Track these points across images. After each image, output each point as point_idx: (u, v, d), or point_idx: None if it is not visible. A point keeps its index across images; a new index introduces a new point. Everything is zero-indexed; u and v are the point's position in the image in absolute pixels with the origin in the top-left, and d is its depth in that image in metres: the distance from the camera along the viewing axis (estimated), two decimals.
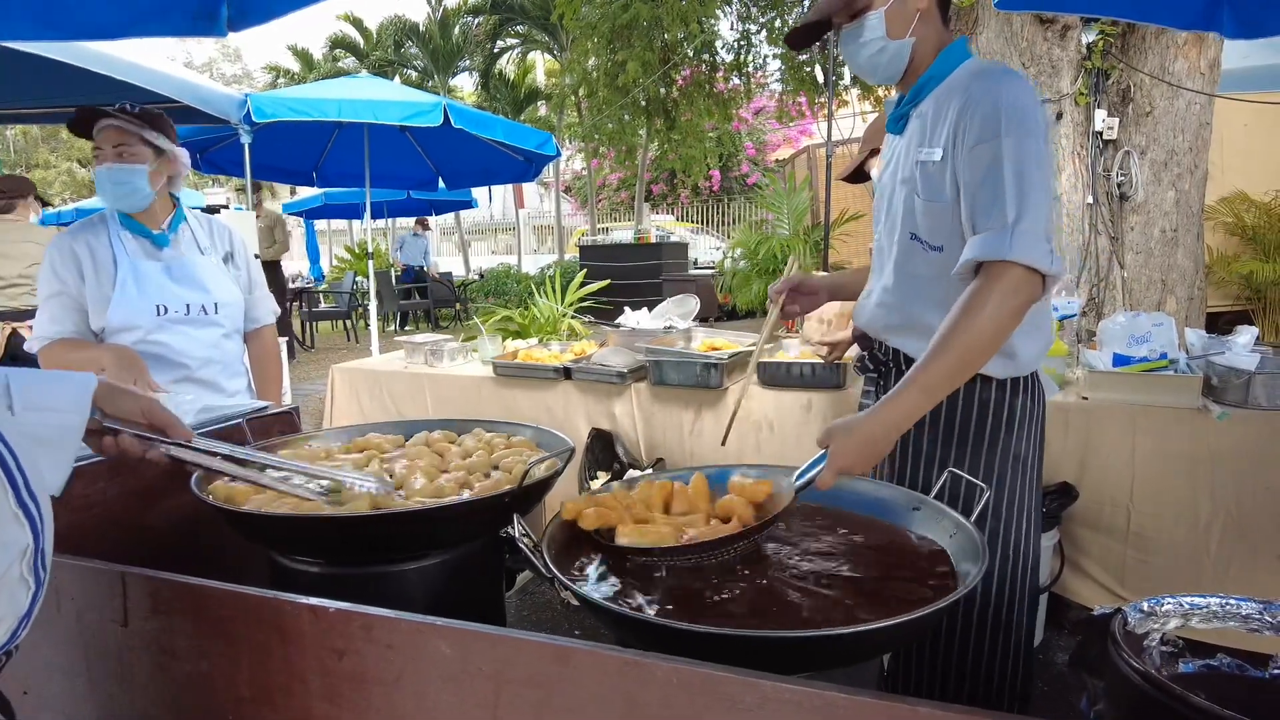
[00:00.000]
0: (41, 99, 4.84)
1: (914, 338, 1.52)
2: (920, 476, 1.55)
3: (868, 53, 1.48)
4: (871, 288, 1.66)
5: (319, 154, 7.64)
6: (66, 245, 2.07)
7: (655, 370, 2.98)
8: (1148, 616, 1.14)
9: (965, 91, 1.40)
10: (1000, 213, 1.33)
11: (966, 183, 1.38)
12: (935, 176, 1.43)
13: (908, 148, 1.51)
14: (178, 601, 0.85)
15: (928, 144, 1.46)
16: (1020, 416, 1.53)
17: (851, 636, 0.93)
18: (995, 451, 1.52)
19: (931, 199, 1.45)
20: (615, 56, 11.03)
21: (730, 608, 1.04)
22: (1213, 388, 2.41)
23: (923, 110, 1.50)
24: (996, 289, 1.29)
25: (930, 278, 1.49)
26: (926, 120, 1.48)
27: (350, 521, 1.14)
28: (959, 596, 1.00)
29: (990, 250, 1.32)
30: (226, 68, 38.43)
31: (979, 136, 1.36)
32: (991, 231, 1.33)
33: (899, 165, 1.54)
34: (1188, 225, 4.57)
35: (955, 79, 1.46)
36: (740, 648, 0.90)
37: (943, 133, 1.42)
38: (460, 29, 19.36)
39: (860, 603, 1.05)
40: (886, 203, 1.59)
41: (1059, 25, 4.48)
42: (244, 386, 2.29)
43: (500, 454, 1.44)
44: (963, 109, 1.39)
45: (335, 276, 14.44)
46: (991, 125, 1.35)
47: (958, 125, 1.39)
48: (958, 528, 1.20)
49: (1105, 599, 2.57)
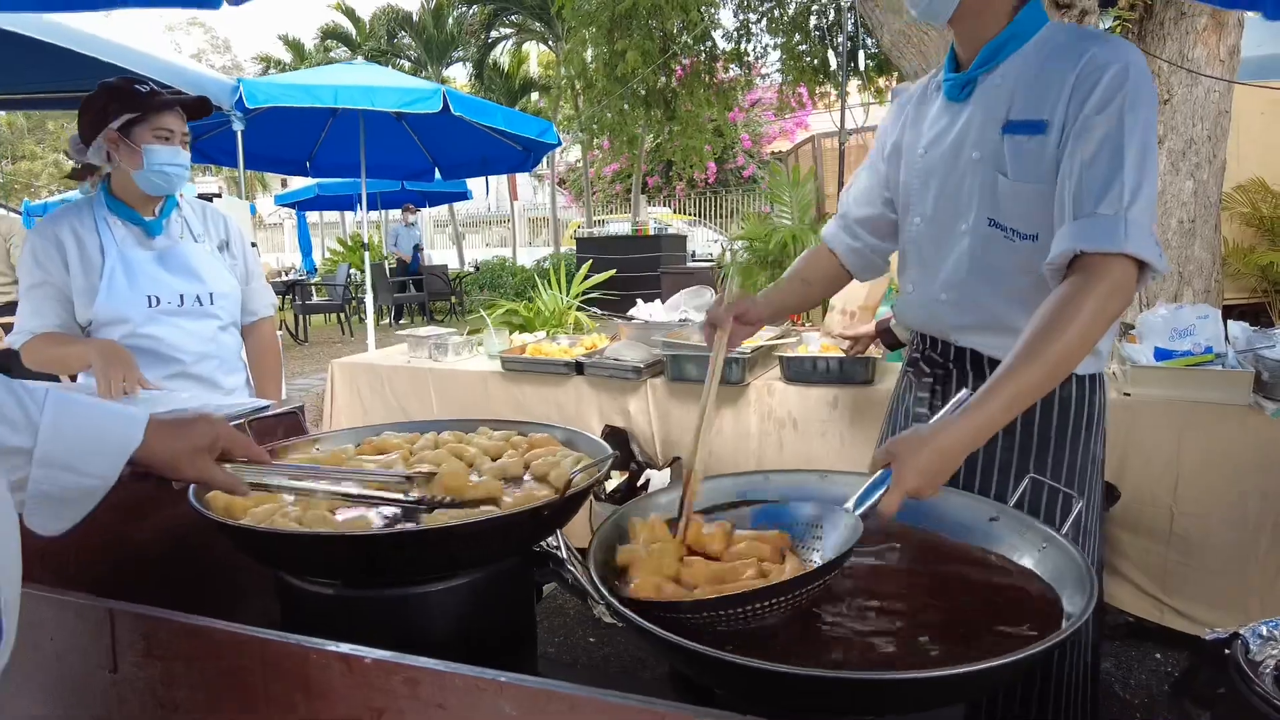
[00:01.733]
0: (28, 83, 4.68)
1: (994, 335, 1.35)
2: (994, 488, 1.37)
3: None
4: (915, 284, 1.48)
5: (313, 143, 7.47)
6: (50, 232, 1.91)
7: (672, 365, 2.85)
8: (1266, 641, 1.02)
9: (1079, 54, 1.20)
10: (1116, 196, 1.13)
11: (1076, 156, 1.18)
12: (1035, 152, 1.23)
13: (983, 119, 1.30)
14: (176, 645, 0.72)
15: (1023, 113, 1.25)
16: (1098, 414, 1.39)
17: (931, 681, 0.80)
18: (1077, 454, 1.38)
19: (1026, 179, 1.25)
20: (614, 46, 10.86)
21: (791, 643, 0.91)
22: (1263, 383, 2.30)
23: (1003, 75, 1.29)
24: (1101, 287, 1.10)
25: (1015, 270, 1.30)
26: (1013, 87, 1.27)
27: (368, 540, 1.01)
28: (1066, 635, 0.87)
29: (1102, 239, 1.12)
30: (215, 59, 38.00)
31: (1099, 104, 1.16)
32: (1101, 217, 1.13)
33: (967, 139, 1.32)
34: (1205, 216, 4.47)
35: (1049, 40, 1.27)
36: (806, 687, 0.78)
37: (1052, 101, 1.21)
38: (454, 19, 19.12)
39: (937, 639, 0.92)
40: (939, 184, 1.38)
41: (1076, 10, 4.35)
42: (242, 383, 2.15)
43: (530, 455, 1.31)
44: (1082, 74, 1.18)
45: (328, 269, 14.25)
46: (1116, 94, 1.16)
47: (1074, 92, 1.19)
48: (1048, 541, 1.08)
49: (1145, 604, 2.46)
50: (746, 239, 6.72)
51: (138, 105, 1.85)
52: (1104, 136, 1.16)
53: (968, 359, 1.42)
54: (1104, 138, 1.16)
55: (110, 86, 1.88)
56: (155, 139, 1.87)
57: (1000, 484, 1.38)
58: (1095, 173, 1.15)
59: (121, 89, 1.87)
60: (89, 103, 1.89)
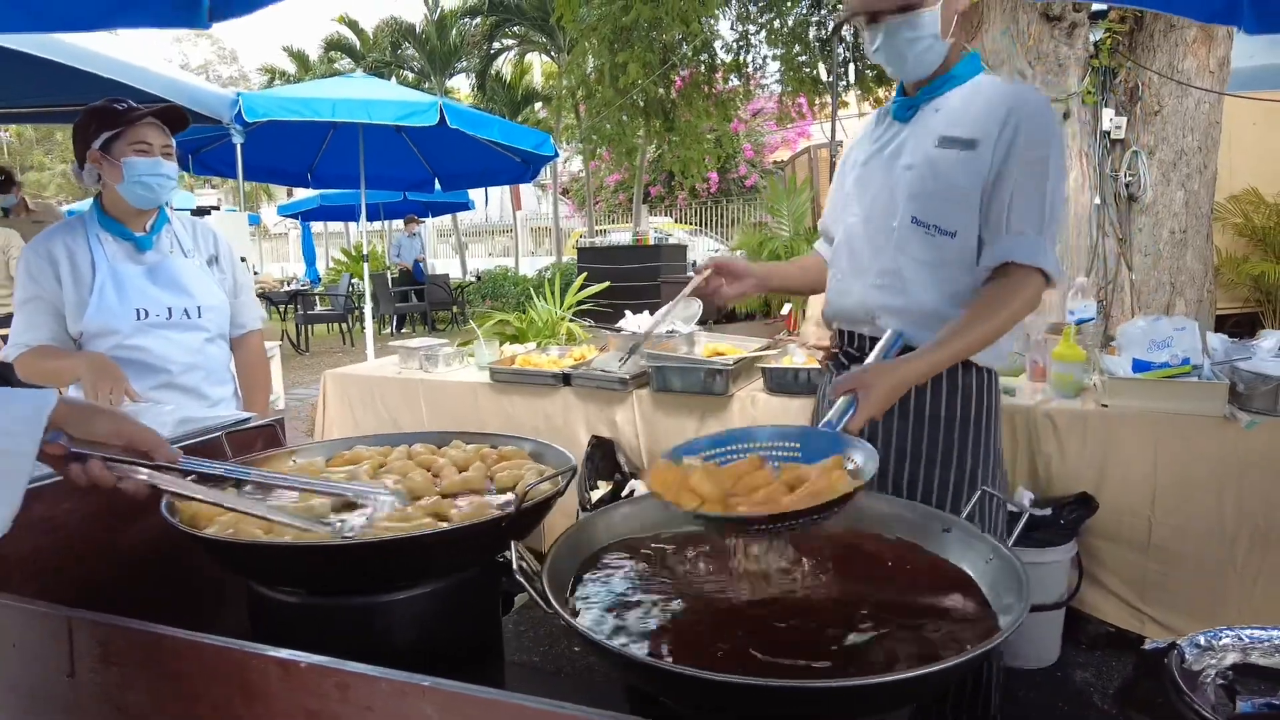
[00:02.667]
0: (30, 98, 4.76)
1: (908, 320, 1.55)
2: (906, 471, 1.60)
3: (918, 48, 1.50)
4: (845, 273, 1.68)
5: (313, 155, 7.54)
6: (43, 249, 1.97)
7: (658, 376, 2.88)
8: (1204, 651, 1.05)
9: (1013, 97, 1.48)
10: (1036, 219, 1.44)
11: (1009, 183, 1.45)
12: (963, 163, 1.49)
13: (920, 136, 1.55)
14: (130, 651, 0.76)
15: (957, 132, 1.50)
16: (996, 404, 1.65)
17: (873, 688, 0.83)
18: (980, 439, 1.61)
19: (952, 183, 1.49)
20: (615, 58, 10.93)
21: (740, 650, 0.94)
22: (1239, 394, 2.32)
23: (942, 104, 1.55)
24: (1023, 291, 1.42)
25: (932, 263, 1.53)
26: (948, 114, 1.53)
27: (329, 550, 1.04)
28: (1000, 640, 0.90)
29: (1026, 254, 1.43)
30: (223, 69, 38.35)
31: (1031, 145, 1.45)
32: (1025, 236, 1.44)
33: (904, 151, 1.57)
34: (1197, 226, 4.49)
35: (984, 83, 1.55)
36: (748, 696, 0.81)
37: (984, 126, 1.48)
38: (457, 30, 19.26)
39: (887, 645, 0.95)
40: (876, 187, 1.62)
41: (1066, 23, 4.39)
42: (229, 394, 2.18)
43: (496, 468, 1.34)
44: (1012, 112, 1.46)
45: (331, 279, 14.33)
46: (1043, 138, 1.46)
47: (1005, 124, 1.46)
48: (994, 553, 1.11)
49: (1125, 614, 2.48)
50: (740, 249, 6.75)
51: (115, 121, 1.91)
52: (1033, 172, 1.45)
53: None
54: (1033, 173, 1.45)
55: (92, 108, 1.94)
56: (134, 152, 1.92)
57: (912, 468, 1.61)
58: (1025, 201, 1.45)
59: (101, 109, 1.94)
60: (76, 127, 1.96)
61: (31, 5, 2.20)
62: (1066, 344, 2.55)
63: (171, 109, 2.01)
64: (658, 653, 0.94)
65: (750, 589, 1.10)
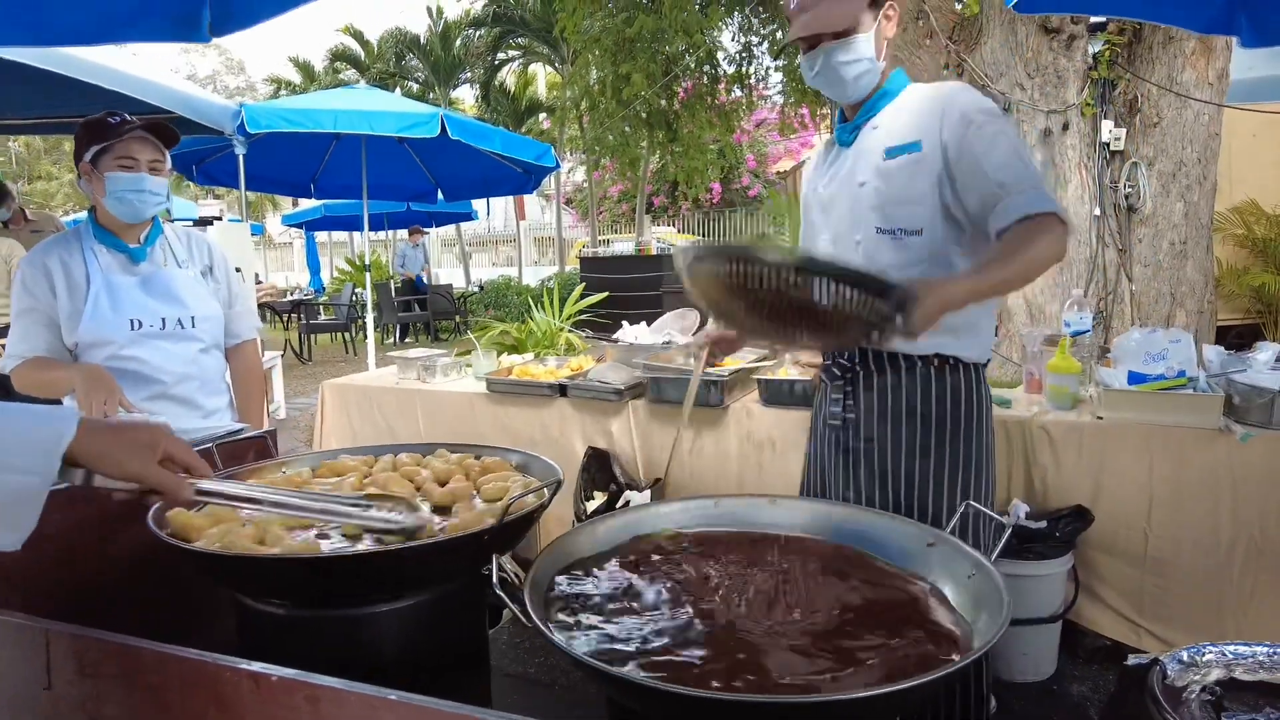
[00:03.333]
0: (34, 110, 4.79)
1: None
2: (903, 474, 1.64)
3: (855, 70, 1.59)
4: None
5: (316, 165, 7.57)
6: (38, 261, 1.99)
7: (653, 387, 2.88)
8: (1187, 668, 1.05)
9: (938, 98, 1.55)
10: (1027, 175, 1.45)
11: (980, 163, 1.48)
12: (912, 166, 1.55)
13: (866, 154, 1.63)
14: (105, 663, 0.76)
15: (900, 140, 1.57)
16: (988, 407, 1.68)
17: (848, 704, 0.83)
18: (971, 440, 1.64)
19: (907, 187, 1.56)
20: (618, 69, 10.97)
21: (720, 667, 0.94)
22: (1234, 407, 2.31)
23: (879, 121, 1.63)
24: (1046, 233, 1.39)
25: (903, 264, 1.57)
26: (887, 128, 1.61)
27: (312, 563, 1.04)
28: (975, 658, 0.90)
29: (1039, 204, 1.42)
30: (230, 80, 38.63)
31: (979, 123, 1.49)
32: (1026, 193, 1.43)
33: (855, 171, 1.64)
34: (1197, 237, 4.48)
35: (912, 93, 1.62)
36: (726, 712, 0.81)
37: (924, 129, 1.54)
38: (461, 41, 19.37)
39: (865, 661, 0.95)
40: (837, 209, 1.69)
41: (1065, 35, 4.40)
42: (224, 405, 2.20)
43: (482, 479, 1.34)
44: (946, 105, 1.53)
45: (335, 289, 14.38)
46: (987, 111, 1.52)
47: (943, 117, 1.52)
48: (976, 569, 1.10)
49: (1122, 627, 2.47)
50: None
51: (104, 136, 1.93)
52: (997, 141, 1.48)
53: (870, 357, 1.67)
54: (997, 142, 1.48)
55: (87, 120, 1.96)
56: (119, 167, 1.93)
57: (908, 470, 1.64)
58: (1007, 165, 1.46)
59: (94, 121, 1.96)
60: (75, 139, 1.97)
61: (35, 20, 2.22)
62: (1062, 356, 2.55)
63: (157, 124, 2.01)
64: (637, 667, 0.94)
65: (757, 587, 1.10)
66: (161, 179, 2.01)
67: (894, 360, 1.65)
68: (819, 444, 1.84)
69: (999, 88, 4.50)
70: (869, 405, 1.68)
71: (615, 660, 0.95)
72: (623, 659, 0.96)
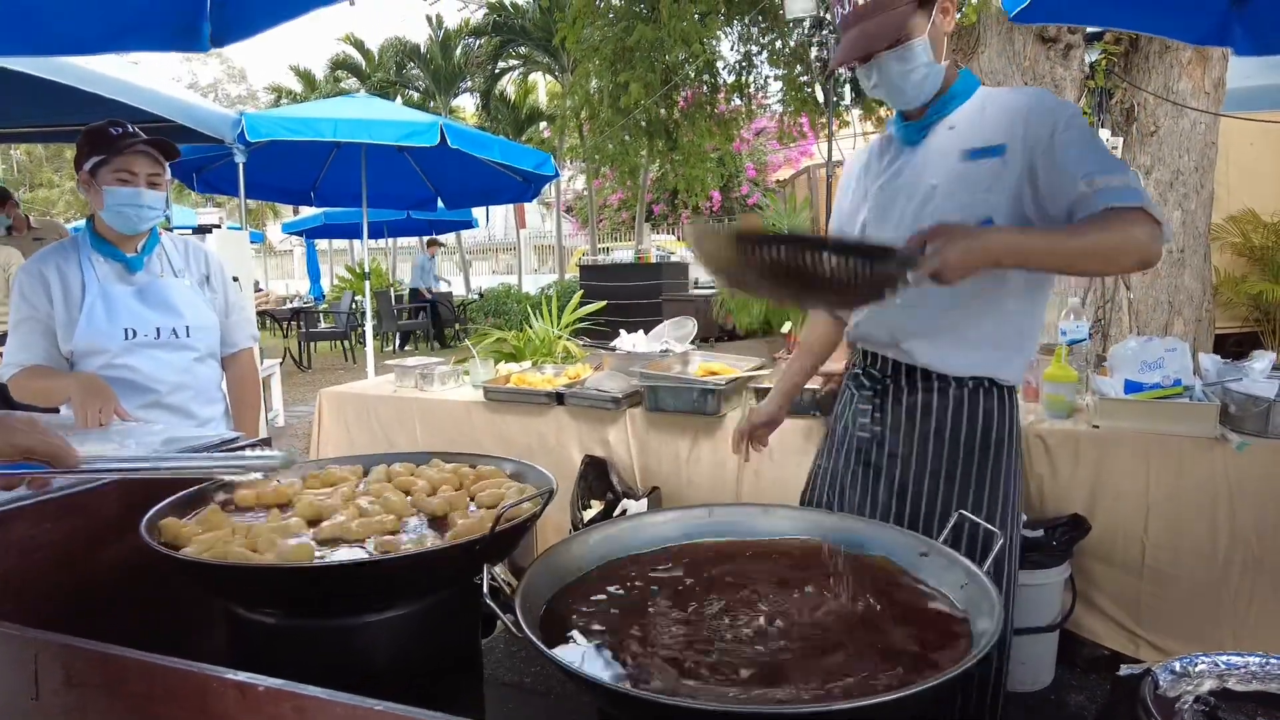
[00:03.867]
0: (36, 118, 4.81)
1: (932, 342, 1.56)
2: (924, 504, 1.58)
3: (915, 78, 1.51)
4: None
5: (317, 173, 7.60)
6: (35, 269, 2.00)
7: (650, 396, 2.89)
8: (1180, 678, 1.04)
9: (1026, 97, 1.49)
10: (1119, 169, 1.36)
11: (1069, 157, 1.39)
12: (995, 170, 1.47)
13: (940, 153, 1.54)
14: (91, 673, 0.76)
15: (982, 142, 1.49)
16: (1018, 432, 1.61)
17: (841, 714, 0.83)
18: (1000, 467, 1.57)
19: (984, 193, 1.47)
20: (617, 78, 11.01)
21: (714, 677, 0.94)
22: (1230, 416, 2.31)
23: (955, 120, 1.55)
24: (1127, 227, 1.31)
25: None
26: (966, 126, 1.53)
27: (303, 572, 1.04)
28: (971, 664, 0.90)
29: (1128, 197, 1.32)
30: (232, 88, 38.75)
31: (1065, 120, 1.42)
32: (1116, 185, 1.34)
33: (924, 171, 1.56)
34: (1194, 246, 4.49)
35: (990, 96, 1.55)
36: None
37: (1006, 131, 1.47)
38: (462, 50, 19.46)
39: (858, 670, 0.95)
40: (897, 211, 1.59)
41: (1061, 45, 4.42)
42: (219, 414, 2.20)
43: (475, 487, 1.34)
44: (1031, 109, 1.45)
45: (335, 296, 14.39)
46: (1071, 111, 1.45)
47: (1028, 122, 1.44)
48: (969, 578, 1.10)
49: (1120, 637, 2.46)
50: None
51: (103, 148, 1.94)
52: (1081, 135, 1.41)
53: (903, 373, 1.61)
54: (1081, 135, 1.41)
55: (89, 129, 1.97)
56: (117, 181, 1.94)
57: (930, 491, 1.59)
58: (1093, 164, 1.37)
59: (95, 131, 1.97)
60: (77, 147, 1.98)
61: (36, 30, 2.24)
62: (1058, 365, 2.55)
63: (164, 142, 2.02)
64: (628, 677, 0.94)
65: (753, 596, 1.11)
66: (159, 192, 2.01)
67: (927, 378, 1.58)
68: (836, 454, 1.76)
69: None
70: (896, 420, 1.62)
71: (606, 669, 0.95)
72: (614, 668, 0.95)
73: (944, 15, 1.50)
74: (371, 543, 1.16)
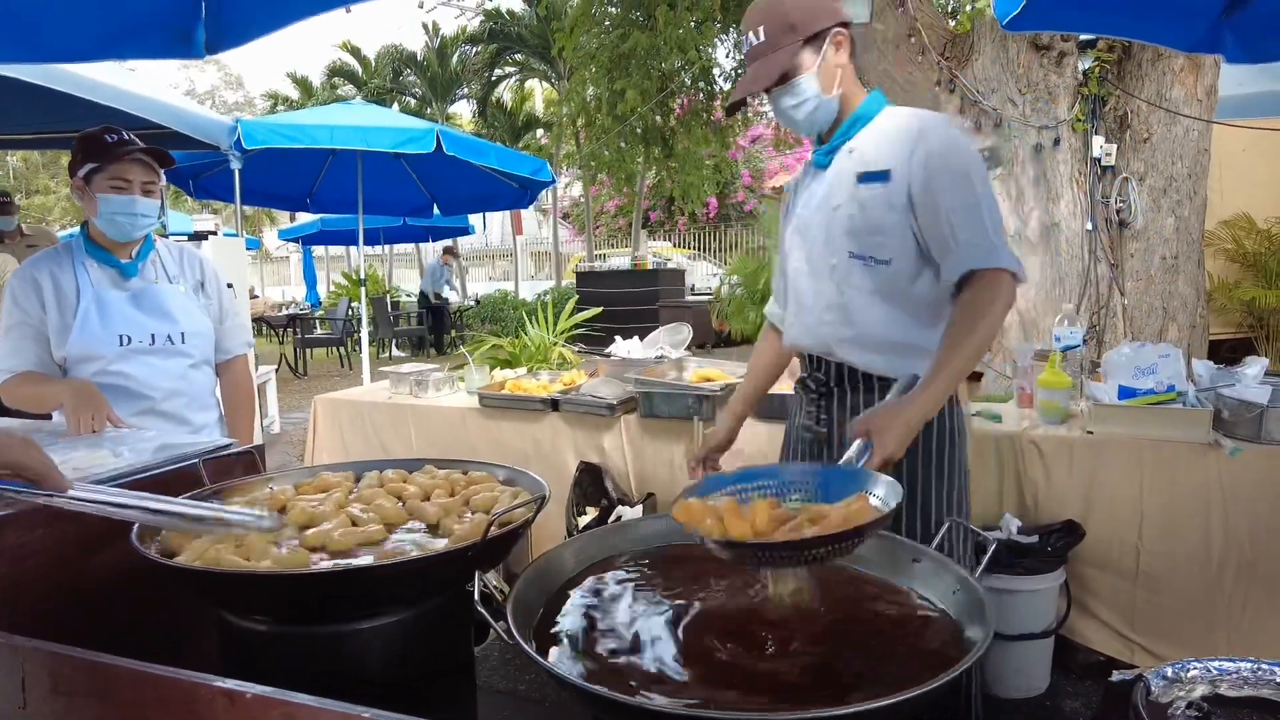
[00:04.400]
0: (31, 125, 4.81)
1: (860, 349, 1.64)
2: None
3: (805, 110, 1.61)
4: (798, 312, 1.76)
5: (313, 180, 7.60)
6: (28, 275, 1.99)
7: (645, 402, 2.89)
8: (1172, 684, 1.04)
9: (916, 122, 1.56)
10: (982, 226, 1.48)
11: (945, 202, 1.50)
12: (881, 196, 1.55)
13: (842, 176, 1.63)
14: (79, 681, 0.75)
15: (872, 166, 1.58)
16: (962, 428, 1.70)
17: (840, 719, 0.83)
18: (954, 464, 1.66)
19: (878, 215, 1.56)
20: (614, 85, 11.05)
21: (706, 683, 0.94)
22: (1223, 421, 2.32)
23: (855, 146, 1.63)
24: (995, 294, 1.44)
25: (875, 291, 1.60)
26: (863, 152, 1.61)
27: (294, 579, 1.04)
28: (965, 668, 0.90)
29: (984, 258, 1.46)
30: (229, 95, 38.79)
31: (947, 161, 1.51)
32: (975, 246, 1.47)
33: (831, 194, 1.64)
34: (1188, 252, 4.51)
35: (889, 118, 1.62)
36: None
37: (894, 158, 1.54)
38: (458, 57, 19.50)
39: (852, 675, 0.95)
40: (813, 231, 1.69)
41: (1055, 52, 4.44)
42: (214, 420, 2.19)
43: (468, 491, 1.34)
44: (919, 138, 1.53)
45: (331, 303, 14.38)
46: (956, 151, 1.53)
47: (913, 151, 1.52)
48: (960, 584, 1.10)
49: (1115, 642, 2.46)
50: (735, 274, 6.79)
51: (98, 155, 1.93)
52: (960, 186, 1.50)
53: (845, 376, 1.69)
54: (960, 188, 1.50)
55: (84, 136, 1.97)
56: (111, 188, 1.94)
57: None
58: (964, 214, 1.49)
59: (90, 138, 1.96)
60: (71, 153, 1.98)
61: (33, 37, 2.24)
62: (1052, 371, 2.56)
63: (158, 150, 2.02)
64: (618, 684, 0.93)
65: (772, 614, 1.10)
66: (154, 200, 2.01)
67: (868, 380, 1.66)
68: (791, 456, 1.87)
69: (991, 104, 4.54)
70: (841, 421, 1.68)
71: (599, 677, 0.94)
72: (605, 675, 0.95)
73: (836, 49, 1.59)
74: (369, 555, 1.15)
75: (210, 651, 1.26)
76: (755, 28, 1.58)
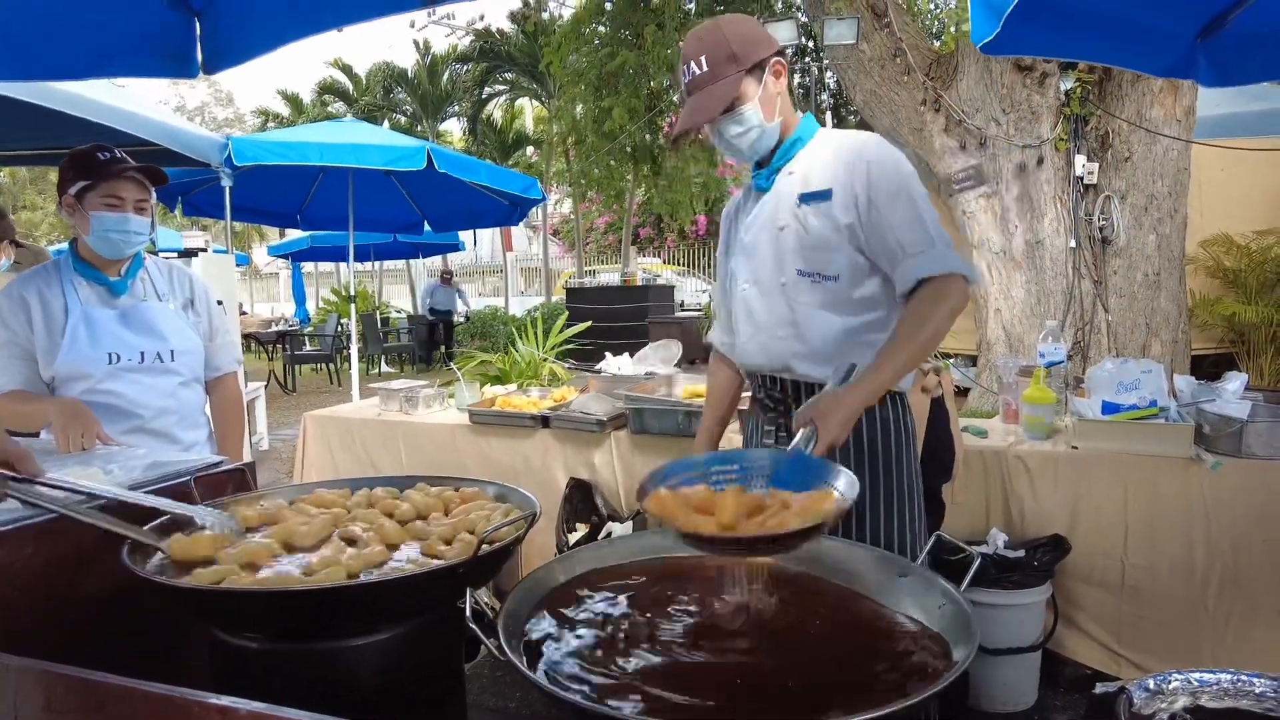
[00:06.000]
0: (20, 142, 4.80)
1: (814, 362, 1.67)
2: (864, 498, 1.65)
3: (750, 139, 1.66)
4: (749, 332, 1.78)
5: (303, 197, 7.60)
6: (16, 293, 1.99)
7: (635, 418, 2.90)
8: (1154, 695, 1.06)
9: (850, 150, 1.61)
10: (927, 237, 1.54)
11: (888, 219, 1.55)
12: (824, 213, 1.61)
13: (784, 197, 1.68)
14: (71, 699, 0.76)
15: (813, 187, 1.63)
16: (912, 427, 1.75)
17: None
18: (904, 464, 1.70)
19: (822, 234, 1.61)
20: (602, 103, 11.14)
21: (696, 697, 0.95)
22: (1205, 436, 2.35)
23: (794, 168, 1.68)
24: (946, 297, 1.50)
25: (824, 305, 1.64)
26: (802, 174, 1.67)
27: (285, 596, 1.04)
28: (948, 683, 0.91)
29: (935, 265, 1.51)
30: (219, 111, 38.77)
31: (886, 179, 1.57)
32: (923, 254, 1.53)
33: (775, 215, 1.69)
34: (1170, 269, 4.58)
35: (825, 141, 1.69)
36: None
37: (833, 178, 1.60)
38: (449, 75, 19.61)
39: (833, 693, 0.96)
40: (761, 251, 1.73)
41: (1038, 72, 4.52)
42: (203, 438, 2.19)
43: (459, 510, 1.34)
44: (856, 156, 1.59)
45: (320, 319, 14.34)
46: (893, 168, 1.59)
47: (853, 169, 1.58)
48: (946, 598, 1.12)
49: (1101, 656, 2.48)
50: None
51: (90, 173, 1.94)
52: (900, 203, 1.56)
53: (802, 390, 1.71)
54: (900, 204, 1.56)
55: (75, 153, 1.97)
56: (104, 206, 1.94)
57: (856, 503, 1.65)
58: (908, 228, 1.55)
59: (82, 155, 1.97)
60: (60, 170, 1.99)
61: (26, 56, 2.24)
62: (1037, 387, 2.59)
63: (151, 169, 2.03)
64: (608, 699, 0.94)
65: (732, 617, 1.13)
66: (146, 218, 2.01)
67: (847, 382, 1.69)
68: None
69: (975, 123, 4.61)
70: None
71: (588, 692, 0.95)
72: (596, 692, 0.96)
73: (776, 78, 1.64)
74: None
75: (202, 668, 1.26)
76: (696, 58, 1.61)
